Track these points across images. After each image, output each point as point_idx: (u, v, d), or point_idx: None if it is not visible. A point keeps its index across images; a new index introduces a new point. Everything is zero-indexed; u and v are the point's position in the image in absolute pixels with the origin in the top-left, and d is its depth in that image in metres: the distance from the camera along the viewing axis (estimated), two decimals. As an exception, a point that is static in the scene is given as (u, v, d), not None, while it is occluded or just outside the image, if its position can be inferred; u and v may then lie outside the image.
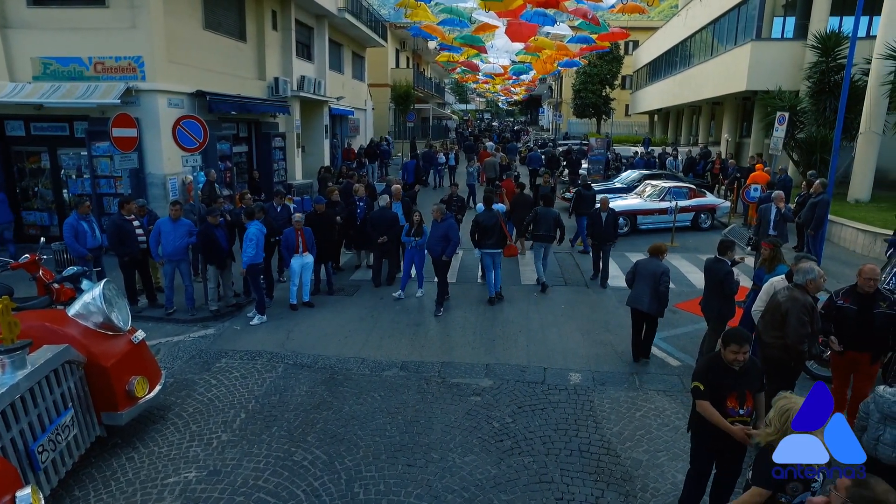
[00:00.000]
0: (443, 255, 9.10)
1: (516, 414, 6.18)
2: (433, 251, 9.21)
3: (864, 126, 16.47)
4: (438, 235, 9.14)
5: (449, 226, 9.21)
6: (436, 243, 9.16)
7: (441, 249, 9.11)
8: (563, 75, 46.42)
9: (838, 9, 19.51)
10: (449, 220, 9.31)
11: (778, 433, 3.17)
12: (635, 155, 25.34)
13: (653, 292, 7.19)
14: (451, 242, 9.14)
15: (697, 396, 4.13)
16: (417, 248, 9.76)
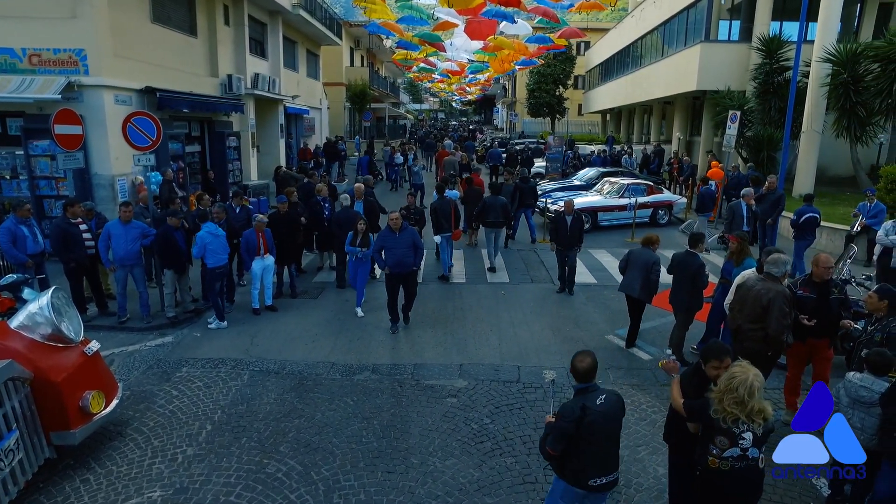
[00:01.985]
0: (413, 266, 8.16)
1: (494, 414, 6.08)
2: (401, 263, 8.00)
3: (805, 125, 17.22)
4: (405, 245, 8.03)
5: (413, 233, 8.28)
6: (404, 254, 8.00)
7: (411, 260, 8.08)
8: (517, 75, 46.82)
9: (779, 14, 20.34)
10: (411, 228, 8.41)
11: (720, 393, 3.45)
12: (592, 153, 25.75)
13: (644, 280, 7.44)
14: (419, 250, 8.21)
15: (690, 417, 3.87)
16: (361, 261, 8.86)
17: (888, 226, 9.07)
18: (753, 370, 3.47)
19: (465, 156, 22.13)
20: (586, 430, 3.53)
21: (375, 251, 8.19)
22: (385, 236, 8.09)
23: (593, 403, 3.59)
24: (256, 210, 12.75)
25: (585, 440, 3.55)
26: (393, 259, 7.96)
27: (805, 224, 10.46)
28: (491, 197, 11.56)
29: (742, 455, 3.43)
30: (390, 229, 8.03)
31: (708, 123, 23.23)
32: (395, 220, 8.07)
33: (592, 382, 3.70)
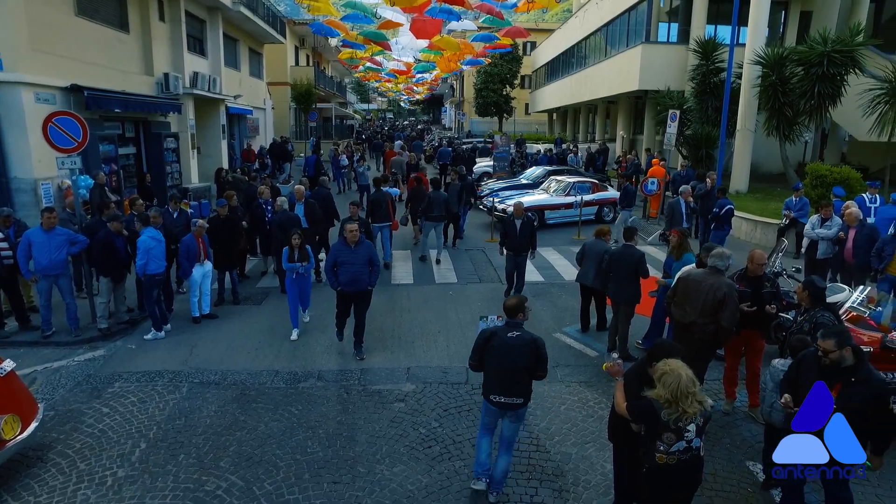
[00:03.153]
0: (369, 285, 7.34)
1: (443, 418, 6.01)
2: (356, 281, 7.16)
3: (740, 124, 17.97)
4: (361, 261, 7.16)
5: (370, 248, 7.40)
6: (360, 271, 7.13)
7: (367, 279, 7.25)
8: (465, 75, 47.07)
9: (713, 18, 21.18)
10: (368, 242, 7.54)
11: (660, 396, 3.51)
12: (539, 152, 26.09)
13: (597, 270, 7.73)
14: (376, 268, 7.36)
15: (633, 418, 3.86)
16: (301, 278, 8.05)
17: (814, 219, 9.51)
18: (678, 364, 3.56)
19: (413, 155, 22.03)
20: (490, 351, 4.53)
21: (328, 267, 7.30)
22: (339, 250, 7.20)
23: (504, 335, 4.51)
24: (197, 214, 12.29)
25: (488, 359, 4.55)
26: (347, 276, 7.13)
27: (725, 215, 11.04)
28: (434, 192, 11.99)
29: (688, 447, 3.53)
30: (346, 242, 7.18)
31: (650, 122, 23.96)
32: (353, 232, 7.15)
33: (514, 320, 4.55)
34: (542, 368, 4.55)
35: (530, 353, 4.45)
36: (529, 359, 4.45)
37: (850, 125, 18.17)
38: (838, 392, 3.76)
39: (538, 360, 4.49)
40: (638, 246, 7.63)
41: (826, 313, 5.02)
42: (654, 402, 3.55)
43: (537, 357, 4.47)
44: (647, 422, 3.61)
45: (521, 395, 4.53)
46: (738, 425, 5.95)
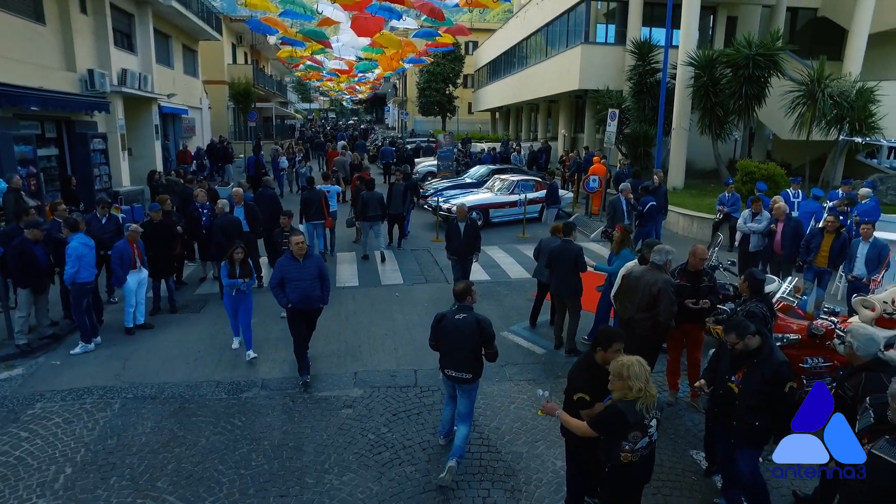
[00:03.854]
0: (322, 302, 6.83)
1: (392, 422, 5.91)
2: (307, 298, 6.55)
3: (675, 123, 18.67)
4: (311, 276, 6.55)
5: (319, 261, 6.83)
6: (310, 287, 6.54)
7: (318, 295, 6.70)
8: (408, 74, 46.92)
9: (648, 20, 21.88)
10: (317, 256, 7.03)
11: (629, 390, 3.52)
12: (483, 151, 26.28)
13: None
14: (327, 282, 6.84)
15: (583, 406, 3.98)
16: (241, 295, 7.26)
17: (745, 214, 9.95)
18: (632, 358, 3.59)
19: (356, 155, 21.74)
20: (441, 331, 5.09)
21: (274, 284, 6.60)
22: (287, 266, 6.53)
23: (452, 316, 5.08)
24: (130, 219, 11.67)
25: (441, 339, 5.12)
26: (297, 293, 6.46)
27: (649, 212, 11.53)
28: (368, 192, 12.05)
29: (649, 442, 3.61)
30: (292, 256, 6.57)
31: (590, 121, 24.51)
32: (300, 245, 6.57)
33: (463, 303, 5.12)
34: (488, 346, 5.01)
35: (475, 333, 4.96)
36: (475, 337, 4.96)
37: (773, 124, 19.18)
38: (743, 374, 4.16)
39: (483, 338, 4.97)
40: (581, 243, 7.78)
41: (759, 304, 5.24)
42: (618, 404, 3.54)
43: (482, 336, 4.96)
44: (616, 428, 3.57)
45: (469, 371, 5.04)
46: (681, 415, 6.12)
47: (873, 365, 4.00)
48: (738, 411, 4.21)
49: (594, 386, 3.95)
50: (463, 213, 9.26)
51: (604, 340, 4.04)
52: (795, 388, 4.02)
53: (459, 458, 4.99)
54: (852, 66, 19.29)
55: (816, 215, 10.31)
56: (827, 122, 15.59)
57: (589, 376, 4.03)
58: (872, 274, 7.98)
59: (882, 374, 3.90)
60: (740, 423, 4.22)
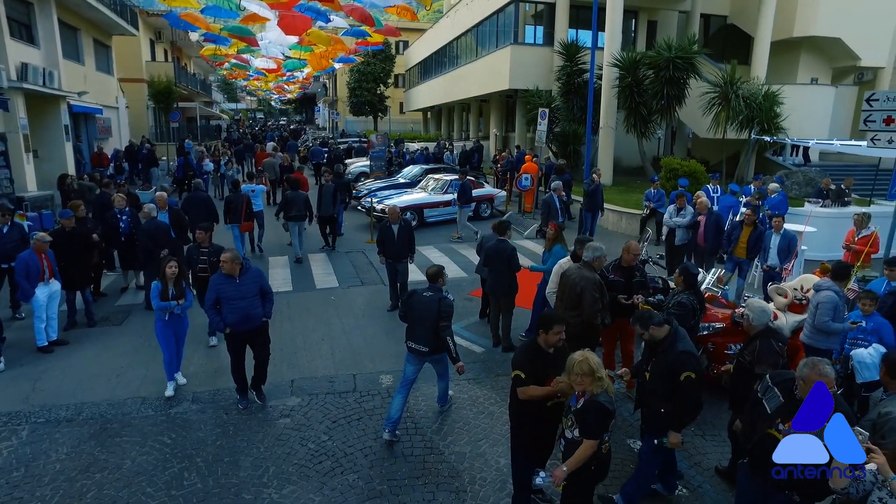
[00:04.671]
0: (264, 317, 6.17)
1: (332, 430, 5.76)
2: (248, 318, 5.91)
3: (602, 122, 19.31)
4: (250, 293, 5.93)
5: (259, 275, 6.16)
6: (250, 305, 5.91)
7: (260, 312, 6.06)
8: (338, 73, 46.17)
9: (574, 23, 22.54)
10: (255, 269, 6.20)
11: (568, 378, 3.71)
12: (416, 151, 26.24)
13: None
14: (269, 296, 6.20)
15: (519, 384, 4.19)
16: (176, 319, 6.38)
17: (671, 209, 10.40)
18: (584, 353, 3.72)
19: (286, 156, 21.19)
20: (410, 305, 5.62)
21: (209, 306, 5.93)
22: (221, 284, 5.87)
23: (421, 294, 5.60)
24: (38, 227, 10.84)
25: (408, 312, 5.64)
26: (236, 314, 5.83)
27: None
28: (292, 192, 11.98)
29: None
30: (226, 274, 5.92)
31: (521, 120, 24.95)
32: (230, 263, 5.85)
33: (433, 284, 5.66)
34: (443, 320, 5.41)
35: (435, 309, 5.41)
36: (434, 313, 5.39)
37: (693, 123, 20.20)
38: (651, 362, 4.43)
39: (440, 313, 5.40)
40: (516, 241, 7.88)
41: (689, 296, 5.46)
42: (598, 399, 3.66)
43: (439, 311, 5.40)
44: (605, 424, 3.72)
45: (426, 345, 5.49)
46: (616, 405, 6.27)
47: (765, 332, 4.60)
48: (646, 398, 4.47)
49: (533, 367, 4.19)
50: (395, 215, 9.07)
51: (545, 323, 4.25)
52: (694, 378, 4.15)
53: (442, 404, 6.08)
54: (759, 70, 20.66)
55: (734, 209, 10.92)
56: (739, 122, 16.61)
57: (529, 357, 4.25)
58: (784, 263, 8.54)
59: (772, 340, 4.53)
60: (647, 410, 4.50)
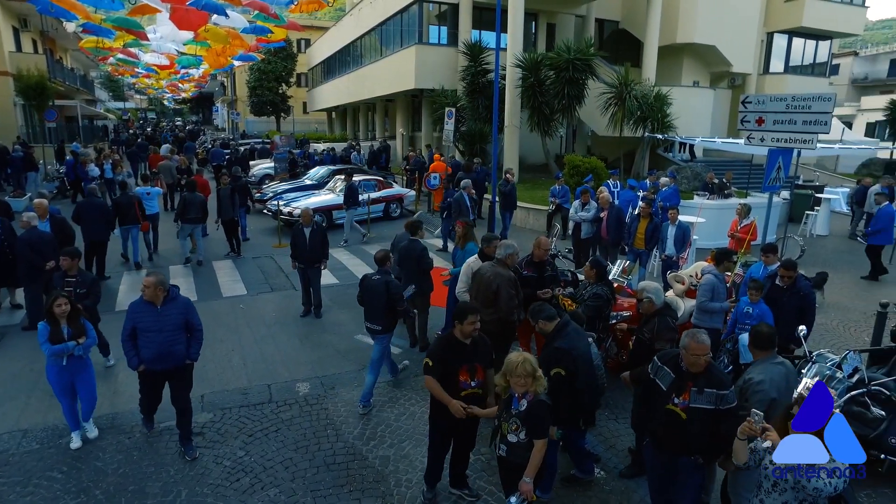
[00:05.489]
0: (188, 358, 5.29)
1: (248, 444, 5.48)
2: (167, 356, 5.07)
3: (507, 121, 19.82)
4: (172, 325, 5.07)
5: (186, 305, 5.25)
6: (171, 339, 5.06)
7: (183, 349, 5.18)
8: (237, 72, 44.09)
9: (477, 24, 22.96)
10: (183, 298, 5.33)
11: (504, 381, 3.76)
12: (323, 152, 25.70)
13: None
14: (197, 332, 5.32)
15: (426, 372, 4.35)
16: (75, 362, 5.26)
17: (576, 204, 10.86)
18: (521, 354, 3.75)
19: (184, 158, 20.01)
20: (363, 289, 6.23)
21: (124, 337, 5.08)
22: (139, 313, 5.07)
23: (370, 278, 6.25)
24: None
25: (362, 295, 6.26)
26: (153, 349, 5.01)
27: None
28: (189, 194, 11.59)
29: None
30: (147, 301, 5.07)
31: (427, 119, 25.09)
32: (154, 286, 5.01)
33: (382, 268, 6.32)
34: (396, 303, 6.08)
35: (383, 291, 6.04)
36: (384, 296, 6.02)
37: (592, 122, 21.22)
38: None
39: (389, 297, 6.01)
40: (428, 240, 7.89)
41: (603, 287, 5.72)
42: (542, 400, 3.74)
43: (388, 295, 6.02)
44: (548, 420, 3.85)
45: (378, 324, 6.11)
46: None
47: (662, 310, 4.99)
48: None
49: (447, 357, 4.31)
50: (308, 218, 8.77)
51: (459, 314, 4.32)
52: (563, 375, 4.35)
53: (364, 402, 6.12)
54: (648, 73, 22.09)
55: (633, 203, 11.58)
56: (634, 120, 17.67)
57: (443, 347, 4.39)
58: (680, 252, 9.17)
59: (668, 318, 4.94)
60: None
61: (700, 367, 3.76)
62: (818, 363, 5.25)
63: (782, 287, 6.06)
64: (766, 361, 4.20)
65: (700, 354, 3.73)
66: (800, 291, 6.04)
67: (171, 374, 5.22)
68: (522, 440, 3.71)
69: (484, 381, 4.41)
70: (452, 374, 4.28)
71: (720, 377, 3.82)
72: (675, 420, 3.81)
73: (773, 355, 4.26)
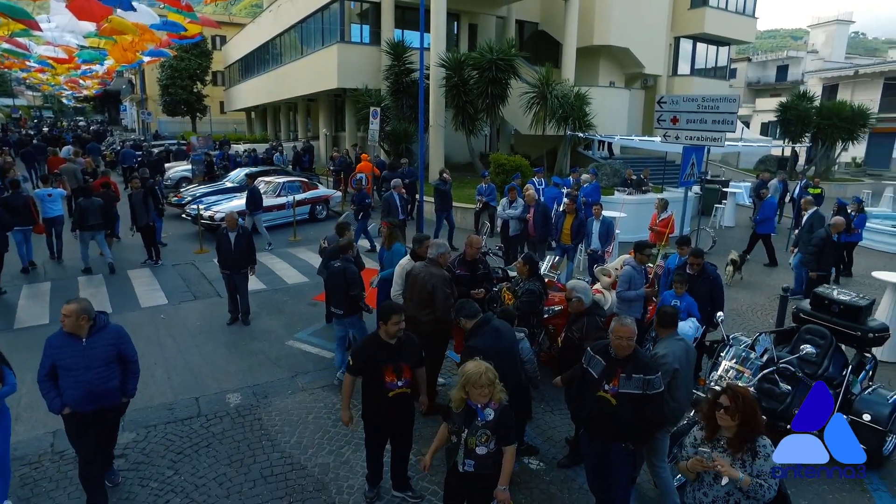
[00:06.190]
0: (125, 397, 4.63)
1: (177, 463, 5.17)
2: (95, 396, 4.31)
3: (432, 120, 19.89)
4: (99, 359, 4.31)
5: (118, 334, 4.48)
6: (99, 378, 4.30)
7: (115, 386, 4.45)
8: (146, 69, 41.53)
9: (400, 23, 22.87)
10: (114, 326, 4.51)
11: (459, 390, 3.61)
12: (244, 153, 24.78)
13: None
14: (132, 366, 4.58)
15: (347, 370, 4.44)
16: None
17: (504, 202, 11.05)
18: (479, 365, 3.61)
19: (89, 161, 18.68)
20: (326, 276, 6.75)
21: (41, 376, 4.27)
22: (57, 347, 4.26)
23: (332, 265, 6.59)
24: None
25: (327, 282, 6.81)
26: (80, 389, 4.23)
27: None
28: (85, 200, 10.89)
29: None
30: (67, 333, 4.28)
31: (351, 119, 24.74)
32: (76, 315, 4.22)
33: (344, 255, 6.66)
34: (351, 289, 6.33)
35: (342, 277, 6.34)
36: (341, 281, 6.34)
37: (515, 121, 21.68)
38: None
39: (346, 282, 6.31)
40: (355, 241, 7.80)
41: (535, 283, 5.83)
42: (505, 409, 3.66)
43: (344, 280, 6.32)
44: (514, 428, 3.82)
45: (340, 308, 6.48)
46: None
47: (591, 310, 5.14)
48: None
49: (365, 353, 4.33)
50: (233, 222, 8.33)
51: (383, 315, 4.30)
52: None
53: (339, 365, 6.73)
54: (568, 73, 22.87)
55: (558, 200, 11.93)
56: (556, 119, 18.21)
57: (367, 346, 4.39)
58: (605, 246, 9.53)
59: (596, 316, 5.12)
60: None
61: (627, 350, 3.91)
62: (734, 346, 5.61)
63: (693, 274, 6.48)
64: (670, 338, 4.57)
65: (624, 336, 3.89)
66: (709, 277, 6.54)
67: (105, 414, 4.45)
68: (492, 450, 3.60)
69: (412, 381, 4.39)
70: (378, 375, 4.25)
71: (646, 362, 3.98)
72: (606, 407, 3.95)
73: (675, 333, 4.66)
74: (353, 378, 4.41)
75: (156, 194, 12.53)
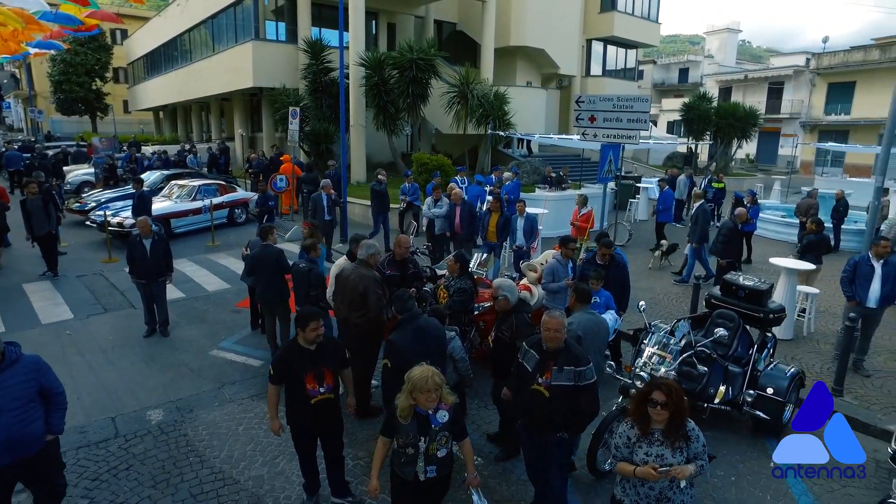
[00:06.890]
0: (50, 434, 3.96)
1: (93, 490, 4.81)
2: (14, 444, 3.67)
3: (352, 120, 19.64)
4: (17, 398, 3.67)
5: (37, 366, 3.84)
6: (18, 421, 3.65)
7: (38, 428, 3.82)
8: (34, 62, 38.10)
9: (317, 21, 22.40)
10: (29, 357, 3.84)
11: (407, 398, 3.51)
12: (153, 155, 23.39)
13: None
14: (56, 395, 3.97)
15: (269, 380, 4.37)
16: None
17: (429, 201, 11.09)
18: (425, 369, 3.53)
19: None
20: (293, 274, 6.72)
21: None
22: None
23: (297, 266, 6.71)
24: None
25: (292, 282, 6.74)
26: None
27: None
28: None
29: None
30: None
31: (269, 120, 23.98)
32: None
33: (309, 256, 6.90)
34: (312, 288, 6.43)
35: (305, 279, 6.48)
36: (305, 282, 6.46)
37: (436, 120, 21.80)
38: None
39: (308, 282, 6.44)
40: (278, 243, 7.62)
41: (466, 280, 5.90)
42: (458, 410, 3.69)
43: (308, 280, 6.46)
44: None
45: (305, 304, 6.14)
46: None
47: (518, 307, 5.23)
48: None
49: (284, 362, 4.24)
50: (147, 229, 7.89)
51: (301, 321, 4.21)
52: (389, 367, 4.51)
53: None
54: (487, 73, 23.27)
55: (481, 198, 12.13)
56: (476, 119, 18.48)
57: (285, 353, 4.33)
58: (530, 242, 9.79)
59: (524, 313, 5.22)
60: None
61: (558, 343, 4.00)
62: (655, 333, 5.93)
63: (603, 264, 6.82)
64: (582, 312, 5.14)
65: (554, 329, 3.97)
66: (618, 264, 6.97)
67: (26, 467, 3.80)
68: (450, 449, 3.64)
69: (334, 386, 4.35)
70: (299, 383, 4.18)
71: (577, 354, 4.05)
72: (540, 399, 4.04)
73: (587, 308, 5.20)
74: (276, 387, 4.33)
75: (55, 200, 11.56)
